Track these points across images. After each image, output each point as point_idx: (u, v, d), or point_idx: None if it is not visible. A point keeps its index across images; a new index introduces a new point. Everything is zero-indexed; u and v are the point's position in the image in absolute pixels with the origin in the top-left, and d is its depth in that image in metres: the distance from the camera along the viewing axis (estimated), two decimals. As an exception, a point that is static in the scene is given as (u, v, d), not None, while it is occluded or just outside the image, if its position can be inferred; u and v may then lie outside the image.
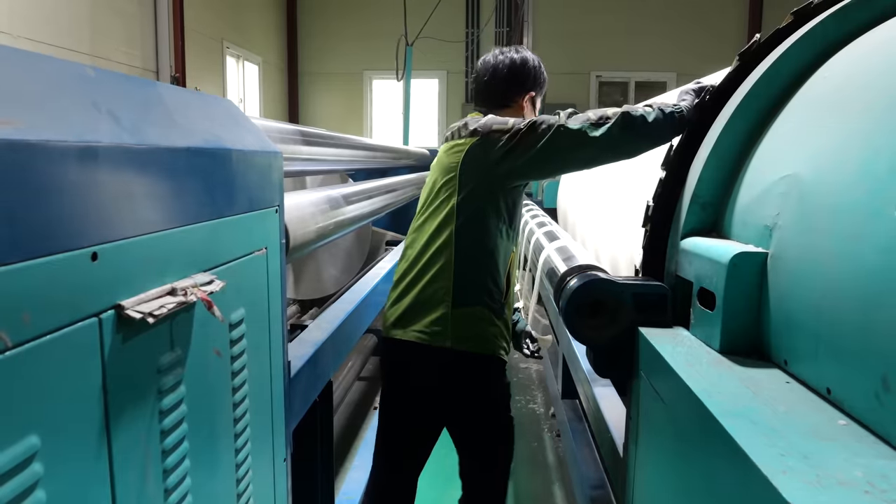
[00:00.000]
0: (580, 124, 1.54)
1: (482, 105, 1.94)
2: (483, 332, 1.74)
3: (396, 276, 1.86)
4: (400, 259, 1.89)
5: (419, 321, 1.74)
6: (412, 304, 1.76)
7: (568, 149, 1.56)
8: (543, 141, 1.57)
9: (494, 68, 1.91)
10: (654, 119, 1.47)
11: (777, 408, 0.75)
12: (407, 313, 1.77)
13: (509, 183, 1.70)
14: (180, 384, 0.80)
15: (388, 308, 1.85)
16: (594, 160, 1.60)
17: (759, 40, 1.23)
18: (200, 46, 7.32)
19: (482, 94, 1.95)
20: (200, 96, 1.02)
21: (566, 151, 1.57)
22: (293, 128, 2.05)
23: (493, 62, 1.92)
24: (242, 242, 1.01)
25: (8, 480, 0.52)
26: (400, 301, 1.80)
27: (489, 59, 1.94)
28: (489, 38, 9.52)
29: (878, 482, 0.58)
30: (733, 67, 1.25)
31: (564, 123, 1.56)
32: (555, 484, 2.93)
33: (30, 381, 0.55)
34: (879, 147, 0.76)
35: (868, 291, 0.70)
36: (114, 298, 0.66)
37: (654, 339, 1.07)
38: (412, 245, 1.84)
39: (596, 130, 1.52)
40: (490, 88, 1.92)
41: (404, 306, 1.78)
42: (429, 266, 1.75)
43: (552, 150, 1.57)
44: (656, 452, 1.04)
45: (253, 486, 1.07)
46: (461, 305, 1.72)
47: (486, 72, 1.92)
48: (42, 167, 0.57)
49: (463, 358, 1.73)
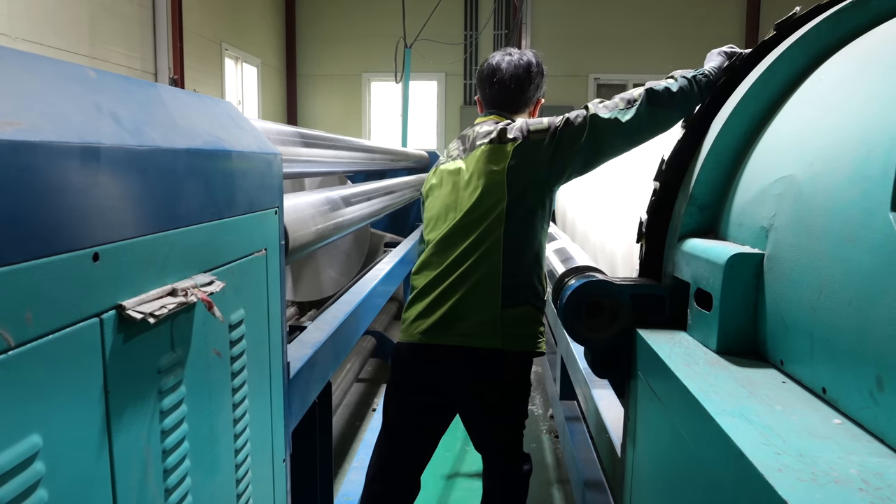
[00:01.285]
0: (611, 112, 1.60)
1: (503, 108, 1.91)
2: (533, 331, 1.78)
3: (422, 284, 1.80)
4: (421, 268, 1.83)
5: (462, 324, 1.74)
6: (451, 312, 1.75)
7: (607, 137, 1.61)
8: (585, 135, 1.63)
9: (516, 71, 1.88)
10: (679, 89, 1.55)
11: (773, 407, 0.76)
12: (445, 320, 1.75)
13: (561, 181, 1.74)
14: (180, 384, 0.80)
15: (416, 318, 1.79)
16: (634, 141, 1.64)
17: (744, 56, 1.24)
18: (199, 48, 7.33)
19: (503, 98, 1.91)
20: (200, 98, 1.02)
21: (606, 140, 1.62)
22: (292, 129, 2.06)
23: (511, 64, 1.88)
24: (242, 243, 1.01)
25: (10, 479, 0.53)
26: (435, 310, 1.76)
27: (505, 62, 1.89)
28: (488, 40, 9.53)
29: (873, 480, 0.58)
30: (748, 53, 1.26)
31: (596, 113, 1.61)
32: (553, 485, 2.93)
33: (32, 380, 0.55)
34: (874, 149, 0.77)
35: (862, 292, 0.71)
36: (115, 299, 0.67)
37: (651, 339, 1.07)
38: (441, 252, 1.79)
39: (627, 114, 1.58)
40: (514, 92, 1.90)
41: (440, 314, 1.75)
42: (471, 272, 1.74)
43: (594, 141, 1.63)
44: (654, 452, 1.04)
45: (252, 487, 1.07)
46: (510, 306, 1.73)
47: (507, 75, 1.88)
48: (44, 168, 0.58)
49: (513, 356, 1.77)
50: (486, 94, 1.94)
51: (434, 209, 1.85)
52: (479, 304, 1.73)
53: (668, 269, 1.22)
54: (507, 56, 1.91)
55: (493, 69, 1.91)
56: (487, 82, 1.92)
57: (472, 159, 1.80)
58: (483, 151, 1.77)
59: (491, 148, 1.75)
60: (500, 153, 1.73)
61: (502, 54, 1.93)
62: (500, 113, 1.91)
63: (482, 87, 1.95)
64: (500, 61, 1.90)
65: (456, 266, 1.75)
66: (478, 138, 1.80)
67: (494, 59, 1.93)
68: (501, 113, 1.90)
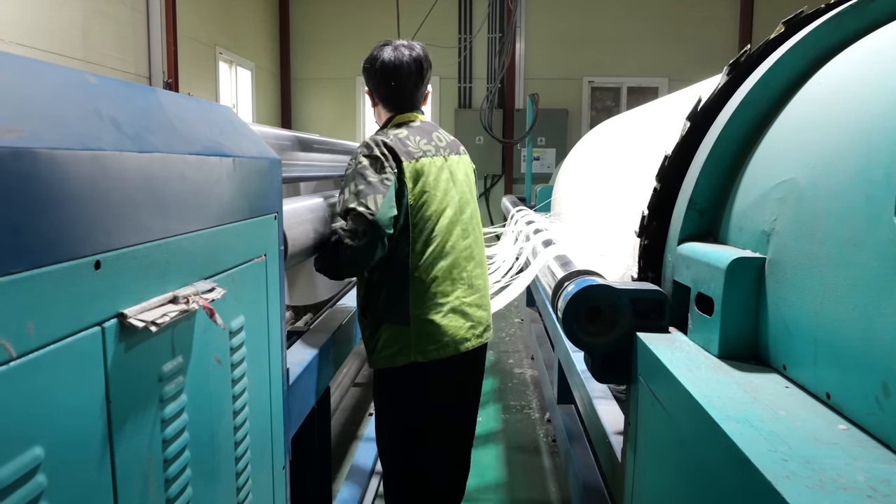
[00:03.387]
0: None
1: (417, 107, 1.98)
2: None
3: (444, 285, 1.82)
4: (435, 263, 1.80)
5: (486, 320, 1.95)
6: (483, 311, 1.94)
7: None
8: None
9: (420, 68, 1.92)
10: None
11: (777, 413, 0.76)
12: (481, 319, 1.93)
13: None
14: (182, 393, 0.80)
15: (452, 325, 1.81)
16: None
17: (751, 51, 1.24)
18: (193, 52, 7.31)
19: (415, 95, 1.95)
20: (200, 103, 1.02)
21: None
22: (289, 133, 2.05)
23: (415, 60, 1.90)
24: (242, 249, 1.00)
25: (11, 493, 0.52)
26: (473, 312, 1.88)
27: (406, 57, 1.88)
28: (482, 43, 9.54)
29: (881, 487, 0.58)
30: (727, 77, 1.26)
31: None
32: (551, 490, 2.92)
33: (33, 391, 0.55)
34: (876, 152, 0.77)
35: (867, 296, 0.71)
36: (116, 307, 0.66)
37: (652, 344, 1.07)
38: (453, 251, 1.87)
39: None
40: (422, 88, 1.97)
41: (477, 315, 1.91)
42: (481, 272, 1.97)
43: None
44: (655, 458, 1.04)
45: (252, 495, 1.06)
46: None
47: (415, 72, 1.90)
48: (46, 175, 0.57)
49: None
50: (395, 91, 1.91)
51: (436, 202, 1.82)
52: (487, 299, 1.96)
53: (668, 274, 1.22)
54: (406, 51, 1.90)
55: (396, 66, 1.88)
56: (394, 79, 1.89)
57: (453, 164, 1.92)
58: (461, 160, 1.97)
59: (463, 158, 1.99)
60: (468, 165, 2.02)
61: (396, 50, 1.90)
62: (416, 111, 1.97)
63: (385, 83, 1.90)
64: (399, 57, 1.88)
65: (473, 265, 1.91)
66: (449, 146, 1.94)
67: (391, 54, 1.89)
68: (416, 111, 1.97)
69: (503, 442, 3.41)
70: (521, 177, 9.06)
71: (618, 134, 2.80)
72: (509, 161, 9.51)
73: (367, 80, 1.97)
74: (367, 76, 1.96)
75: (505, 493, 2.89)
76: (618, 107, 9.54)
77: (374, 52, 1.93)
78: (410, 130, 1.87)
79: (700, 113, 1.30)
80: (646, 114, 2.56)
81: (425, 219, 1.79)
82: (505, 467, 3.13)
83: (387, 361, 1.80)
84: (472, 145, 9.46)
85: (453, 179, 1.89)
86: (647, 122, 2.35)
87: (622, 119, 3.13)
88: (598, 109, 9.63)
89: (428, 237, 1.78)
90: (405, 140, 1.81)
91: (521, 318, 5.92)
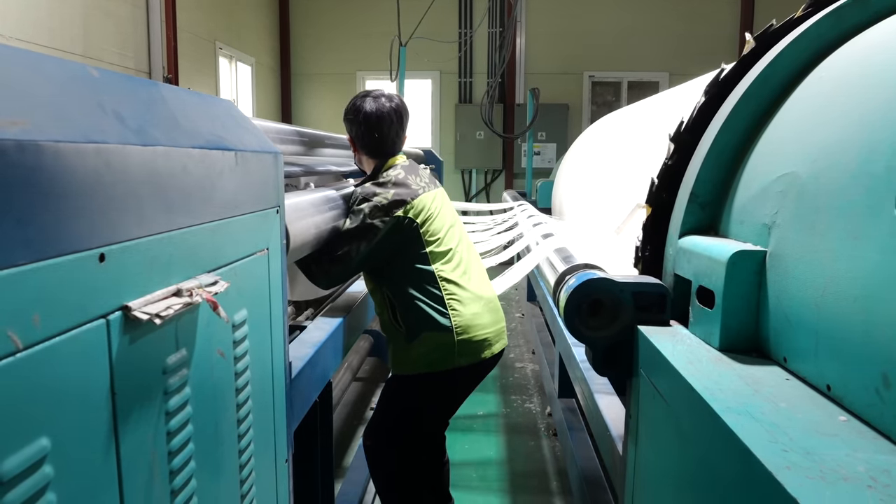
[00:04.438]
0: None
1: (398, 152, 2.14)
2: None
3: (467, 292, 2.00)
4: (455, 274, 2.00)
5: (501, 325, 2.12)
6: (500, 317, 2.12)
7: None
8: None
9: (400, 115, 2.08)
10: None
11: (778, 404, 0.76)
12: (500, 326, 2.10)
13: None
14: (186, 385, 0.80)
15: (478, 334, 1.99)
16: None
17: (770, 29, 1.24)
18: (193, 47, 7.30)
19: (397, 143, 2.11)
20: (202, 97, 1.02)
21: None
22: (291, 128, 2.05)
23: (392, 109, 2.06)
24: (244, 243, 1.01)
25: (19, 483, 0.52)
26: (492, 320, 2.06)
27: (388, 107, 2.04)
28: (482, 38, 9.52)
29: (881, 477, 0.58)
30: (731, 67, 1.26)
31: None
32: (552, 483, 2.93)
33: (40, 383, 0.55)
34: (877, 145, 0.77)
35: (868, 288, 0.71)
36: (121, 300, 0.66)
37: (653, 337, 1.08)
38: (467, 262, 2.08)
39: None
40: (401, 135, 2.12)
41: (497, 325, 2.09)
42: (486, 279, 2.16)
43: None
44: (657, 450, 1.05)
45: (256, 488, 1.07)
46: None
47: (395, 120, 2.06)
48: (50, 168, 0.57)
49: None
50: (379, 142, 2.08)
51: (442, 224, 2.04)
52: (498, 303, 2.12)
53: (669, 267, 1.22)
54: (387, 102, 2.06)
55: (378, 117, 2.04)
56: (377, 130, 2.05)
57: (439, 195, 2.12)
58: (440, 191, 2.16)
59: (441, 190, 2.18)
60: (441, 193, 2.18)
61: (376, 101, 2.05)
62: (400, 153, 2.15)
63: (370, 134, 2.06)
64: (381, 109, 2.05)
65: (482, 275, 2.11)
66: (430, 181, 2.12)
67: (372, 105, 2.04)
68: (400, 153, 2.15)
69: (504, 434, 3.42)
70: (522, 172, 9.05)
71: (619, 129, 2.80)
72: (510, 156, 9.50)
73: (350, 130, 2.11)
74: (350, 126, 2.10)
75: (506, 487, 2.90)
76: (618, 101, 9.52)
77: (355, 103, 2.08)
78: (404, 170, 2.04)
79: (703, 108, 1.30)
80: (646, 108, 2.56)
81: (441, 238, 2.00)
82: (506, 463, 3.14)
83: (428, 367, 1.96)
84: (472, 140, 9.46)
85: (445, 206, 2.11)
86: (647, 117, 2.35)
87: (623, 114, 3.13)
88: (599, 104, 9.62)
89: (448, 255, 2.00)
90: (405, 180, 2.00)
91: (521, 313, 5.93)
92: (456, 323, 1.94)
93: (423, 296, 1.93)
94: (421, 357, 1.95)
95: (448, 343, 1.93)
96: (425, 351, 1.94)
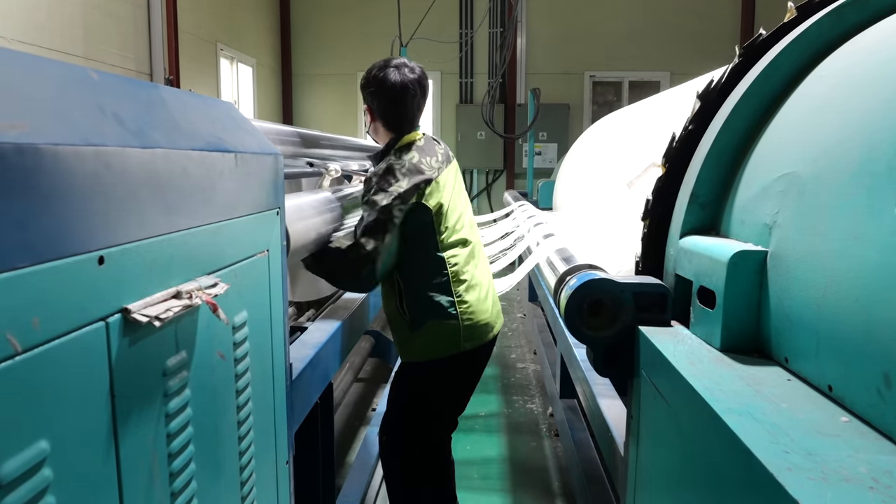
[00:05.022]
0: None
1: (416, 126, 2.10)
2: None
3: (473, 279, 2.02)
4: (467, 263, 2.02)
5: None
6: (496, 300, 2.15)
7: None
8: None
9: (423, 87, 2.04)
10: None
11: (779, 405, 0.76)
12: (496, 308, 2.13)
13: None
14: (186, 387, 0.80)
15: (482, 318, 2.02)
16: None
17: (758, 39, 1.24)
18: (194, 48, 7.30)
19: (417, 115, 2.07)
20: (202, 99, 1.02)
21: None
22: (291, 129, 2.05)
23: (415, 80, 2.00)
24: (244, 245, 1.01)
25: (18, 486, 0.52)
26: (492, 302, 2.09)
27: (411, 77, 1.99)
28: (483, 38, 9.52)
29: (883, 478, 0.58)
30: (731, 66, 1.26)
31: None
32: (554, 483, 2.93)
33: (39, 386, 0.55)
34: (878, 144, 0.77)
35: (869, 288, 0.71)
36: (120, 302, 0.66)
37: (654, 337, 1.07)
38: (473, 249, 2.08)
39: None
40: (422, 107, 2.08)
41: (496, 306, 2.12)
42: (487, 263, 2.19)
43: None
44: (658, 451, 1.04)
45: (256, 490, 1.07)
46: None
47: (418, 92, 2.01)
48: (49, 170, 0.57)
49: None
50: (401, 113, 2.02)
51: (454, 210, 2.03)
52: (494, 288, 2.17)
53: (670, 267, 1.22)
54: (409, 73, 2.00)
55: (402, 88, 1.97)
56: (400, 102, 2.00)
57: (452, 171, 2.11)
58: (453, 166, 2.12)
59: (454, 164, 2.15)
60: (457, 168, 2.17)
61: (399, 72, 1.99)
62: (418, 128, 2.10)
63: (392, 105, 2.01)
64: (404, 80, 1.98)
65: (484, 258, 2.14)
66: (446, 156, 2.10)
67: (396, 76, 1.98)
68: (418, 127, 2.10)
69: (506, 434, 3.42)
70: (523, 172, 9.05)
71: (620, 128, 2.79)
72: (511, 156, 9.49)
73: (370, 100, 2.04)
74: (371, 96, 2.02)
75: (508, 487, 2.90)
76: (619, 101, 9.51)
77: (376, 73, 2.00)
78: (420, 152, 1.99)
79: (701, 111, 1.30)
80: (647, 108, 2.56)
81: (451, 225, 1.99)
82: (508, 463, 3.14)
83: (435, 354, 1.98)
84: (473, 140, 9.46)
85: (456, 186, 2.09)
86: (648, 117, 2.35)
87: (624, 113, 3.13)
88: (600, 104, 9.61)
89: (457, 236, 2.00)
90: (419, 164, 1.96)
91: (523, 314, 5.93)
92: (462, 310, 1.95)
93: (431, 283, 1.93)
94: (426, 345, 1.97)
95: (453, 330, 1.94)
96: (430, 340, 1.95)
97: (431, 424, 2.12)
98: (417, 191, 1.89)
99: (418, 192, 1.89)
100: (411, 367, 2.05)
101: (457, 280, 1.95)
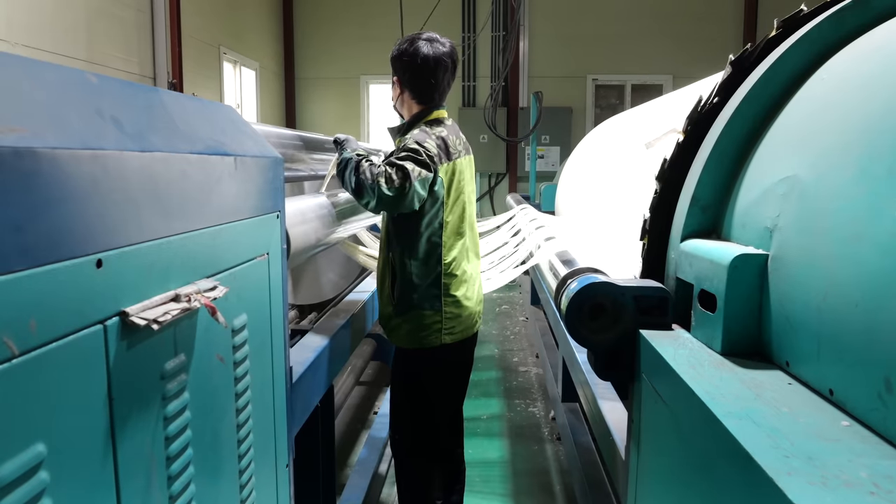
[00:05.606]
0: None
1: (444, 102, 2.07)
2: None
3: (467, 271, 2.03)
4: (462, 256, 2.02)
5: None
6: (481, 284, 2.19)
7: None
8: None
9: (455, 61, 2.00)
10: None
11: (780, 409, 0.76)
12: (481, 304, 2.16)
13: None
14: (184, 390, 0.80)
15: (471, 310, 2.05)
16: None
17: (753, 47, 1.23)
18: (197, 52, 7.33)
19: (447, 90, 2.05)
20: (202, 102, 1.02)
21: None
22: (292, 133, 2.05)
23: (448, 54, 1.97)
24: (244, 248, 1.01)
25: (14, 490, 0.52)
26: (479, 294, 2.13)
27: (443, 51, 1.96)
28: (486, 42, 9.54)
29: (883, 483, 0.58)
30: (729, 73, 1.25)
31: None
32: (555, 486, 2.92)
33: (36, 389, 0.55)
34: (879, 147, 0.76)
35: (870, 292, 0.71)
36: (118, 305, 0.66)
37: (655, 341, 1.07)
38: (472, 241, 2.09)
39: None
40: (452, 82, 2.05)
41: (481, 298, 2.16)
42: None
43: None
44: (659, 455, 1.04)
45: (256, 493, 1.07)
46: None
47: (450, 66, 1.99)
48: (47, 174, 0.57)
49: None
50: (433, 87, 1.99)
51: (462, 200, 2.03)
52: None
53: (671, 271, 1.22)
54: (441, 47, 1.97)
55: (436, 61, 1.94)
56: (433, 75, 1.96)
57: (469, 162, 2.09)
58: (470, 159, 2.11)
59: (471, 157, 2.13)
60: (472, 163, 2.15)
61: (432, 45, 1.96)
62: (444, 106, 2.07)
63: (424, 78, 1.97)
64: (437, 53, 1.95)
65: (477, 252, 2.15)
66: (465, 146, 2.08)
67: (429, 49, 1.95)
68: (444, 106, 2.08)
69: (508, 437, 3.41)
70: (525, 175, 9.05)
71: (622, 131, 2.79)
72: (513, 159, 9.49)
73: (401, 72, 2.00)
74: (403, 68, 1.99)
75: (510, 491, 2.89)
76: (622, 104, 9.51)
77: (407, 46, 1.98)
78: (448, 129, 2.00)
79: (702, 111, 1.29)
80: (650, 111, 2.56)
81: (456, 213, 1.99)
82: (510, 466, 3.13)
83: (417, 343, 1.98)
84: (476, 144, 9.46)
85: (469, 178, 2.10)
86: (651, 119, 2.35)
87: (626, 116, 3.13)
88: (603, 107, 9.61)
89: (458, 229, 1.99)
90: (447, 139, 1.96)
91: (525, 317, 5.92)
92: (446, 305, 1.97)
93: (424, 272, 1.94)
94: (409, 333, 1.98)
95: (434, 322, 1.95)
96: (413, 328, 1.96)
97: (433, 409, 2.11)
98: (442, 162, 1.90)
99: (443, 165, 1.91)
100: (401, 351, 2.08)
101: (448, 273, 1.96)
